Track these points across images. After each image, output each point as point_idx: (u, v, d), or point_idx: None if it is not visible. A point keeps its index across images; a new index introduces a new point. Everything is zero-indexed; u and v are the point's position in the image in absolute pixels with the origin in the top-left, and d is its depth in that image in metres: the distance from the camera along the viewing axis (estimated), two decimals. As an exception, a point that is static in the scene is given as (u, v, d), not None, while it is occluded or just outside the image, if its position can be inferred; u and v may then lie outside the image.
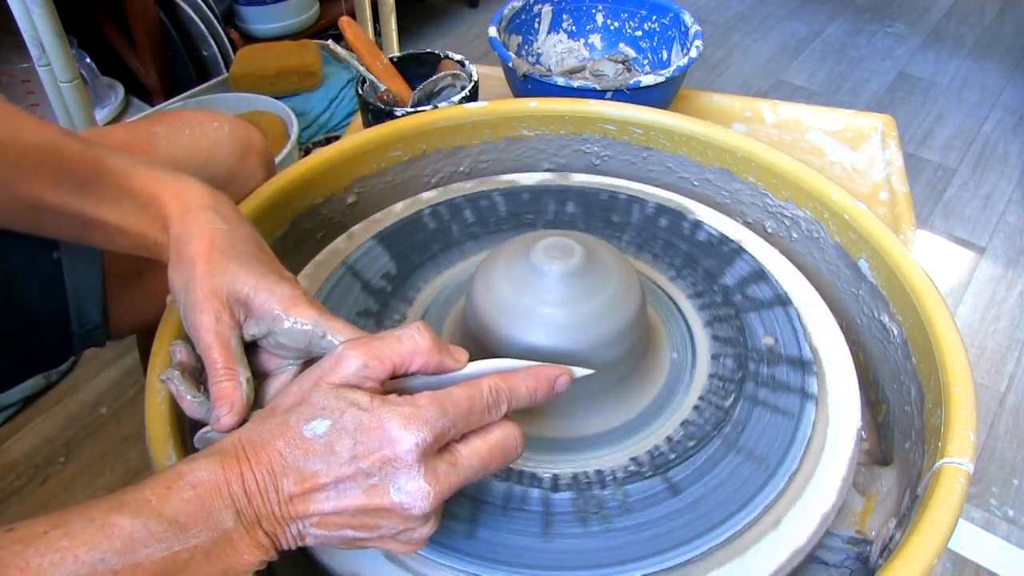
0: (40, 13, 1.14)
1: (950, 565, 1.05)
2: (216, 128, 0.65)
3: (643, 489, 0.48)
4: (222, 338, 0.42)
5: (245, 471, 0.35)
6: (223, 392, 0.41)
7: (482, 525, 0.46)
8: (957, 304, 1.45)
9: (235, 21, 1.74)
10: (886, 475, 0.55)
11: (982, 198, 1.71)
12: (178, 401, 0.43)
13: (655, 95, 0.86)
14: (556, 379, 0.42)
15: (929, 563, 0.40)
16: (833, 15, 2.40)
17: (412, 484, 0.36)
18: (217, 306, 0.42)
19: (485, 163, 0.78)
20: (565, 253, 0.49)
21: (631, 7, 1.01)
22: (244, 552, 0.35)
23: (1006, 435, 1.22)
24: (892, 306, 0.59)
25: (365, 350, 0.38)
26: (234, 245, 0.44)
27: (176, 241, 0.45)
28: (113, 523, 0.32)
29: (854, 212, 0.62)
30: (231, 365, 0.41)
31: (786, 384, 0.54)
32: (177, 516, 0.33)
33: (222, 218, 0.46)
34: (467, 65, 0.90)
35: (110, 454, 1.13)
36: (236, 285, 0.42)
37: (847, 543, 0.51)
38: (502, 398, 0.39)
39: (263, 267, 0.44)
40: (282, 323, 0.42)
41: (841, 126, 0.97)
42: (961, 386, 0.49)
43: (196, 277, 0.42)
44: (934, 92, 2.05)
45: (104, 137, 0.62)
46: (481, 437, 0.39)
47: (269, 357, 0.45)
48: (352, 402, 0.37)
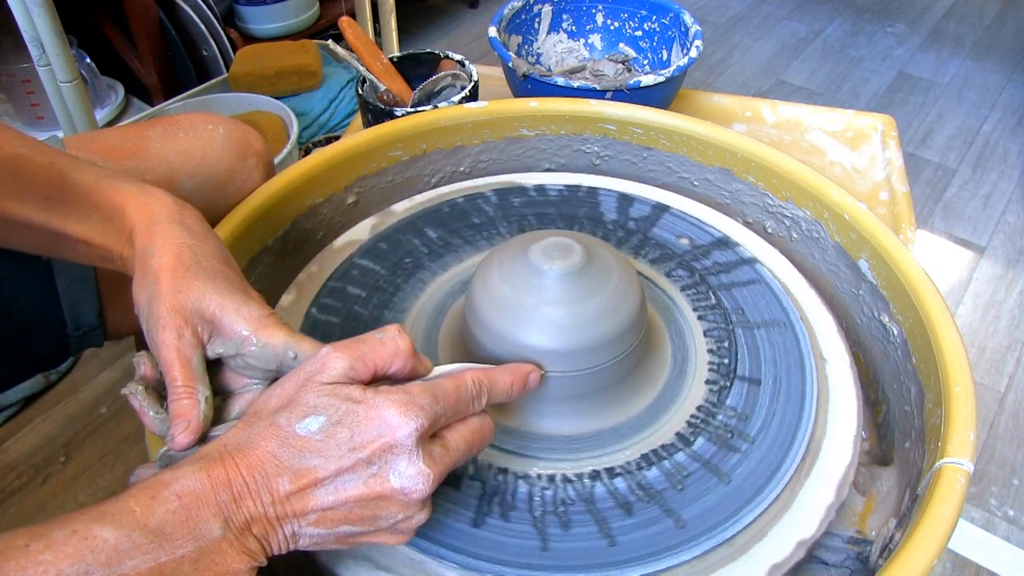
0: (40, 13, 1.14)
1: (950, 565, 1.05)
2: (211, 130, 0.65)
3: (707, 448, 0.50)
4: (183, 356, 0.41)
5: (233, 476, 0.35)
6: (180, 410, 0.40)
7: (484, 526, 0.46)
8: (957, 304, 1.45)
9: (235, 21, 1.74)
10: (886, 475, 0.55)
11: (982, 198, 1.71)
12: (140, 417, 0.42)
13: (655, 95, 0.86)
14: (528, 375, 0.46)
15: (929, 563, 0.40)
16: (833, 15, 2.40)
17: (412, 468, 0.36)
18: (180, 323, 0.41)
19: (485, 163, 0.78)
20: (564, 253, 0.49)
21: (631, 7, 1.01)
22: (233, 560, 0.34)
23: (1006, 435, 1.22)
24: (892, 306, 0.59)
25: (349, 352, 0.39)
26: (200, 260, 0.43)
27: (141, 255, 0.44)
28: (96, 535, 0.31)
29: (854, 212, 0.62)
30: (190, 383, 0.40)
31: (770, 314, 0.58)
32: (162, 527, 0.33)
33: (188, 232, 0.45)
34: (467, 65, 0.90)
35: (110, 454, 1.13)
36: (202, 303, 0.41)
37: (847, 543, 0.51)
38: (483, 391, 0.42)
39: (229, 284, 0.43)
40: (251, 345, 0.41)
41: (841, 126, 0.97)
42: (961, 386, 0.49)
43: (160, 293, 0.41)
44: (934, 92, 2.05)
45: (97, 141, 0.62)
46: (463, 423, 0.41)
47: (234, 375, 0.44)
48: (346, 397, 0.37)
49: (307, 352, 0.41)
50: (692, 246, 0.65)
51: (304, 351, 0.42)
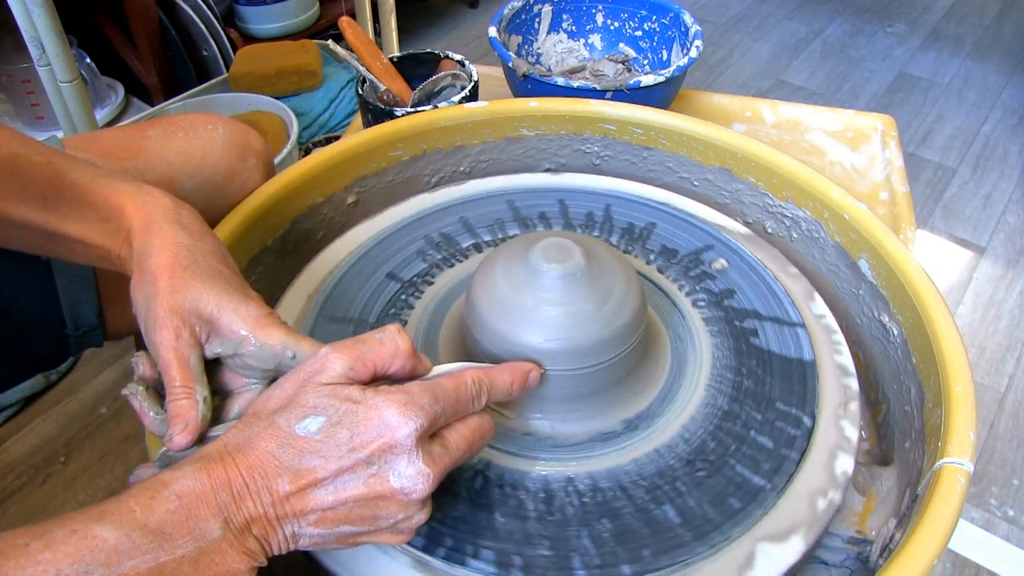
0: (40, 13, 1.14)
1: (950, 565, 1.05)
2: (210, 130, 0.65)
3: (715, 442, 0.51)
4: (181, 356, 0.41)
5: (233, 476, 0.35)
6: (179, 411, 0.40)
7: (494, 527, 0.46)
8: (957, 304, 1.45)
9: (235, 21, 1.74)
10: (886, 475, 0.55)
11: (982, 198, 1.71)
12: (140, 417, 0.42)
13: (655, 95, 0.86)
14: (528, 373, 0.46)
15: (929, 563, 0.40)
16: (833, 15, 2.40)
17: (412, 468, 0.37)
18: (177, 323, 0.41)
19: (485, 163, 0.78)
20: (564, 254, 0.49)
21: (631, 7, 1.01)
22: (232, 560, 0.34)
23: (1006, 435, 1.22)
24: (892, 306, 0.59)
25: (349, 353, 0.39)
26: (197, 260, 0.43)
27: (138, 255, 0.44)
28: (96, 534, 0.31)
29: (854, 212, 0.62)
30: (188, 384, 0.40)
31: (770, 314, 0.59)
32: (162, 526, 0.33)
33: (186, 231, 0.44)
34: (467, 65, 0.90)
35: (110, 454, 1.13)
36: (200, 303, 0.41)
37: (847, 543, 0.51)
38: (483, 390, 0.42)
39: (227, 284, 0.43)
40: (249, 345, 0.41)
41: (841, 126, 0.97)
42: (961, 386, 0.49)
43: (157, 293, 0.41)
44: (934, 92, 2.05)
45: (97, 141, 0.62)
46: (463, 423, 0.41)
47: (233, 375, 0.44)
48: (346, 397, 0.37)
49: (306, 352, 0.41)
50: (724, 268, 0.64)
51: (303, 351, 0.41)
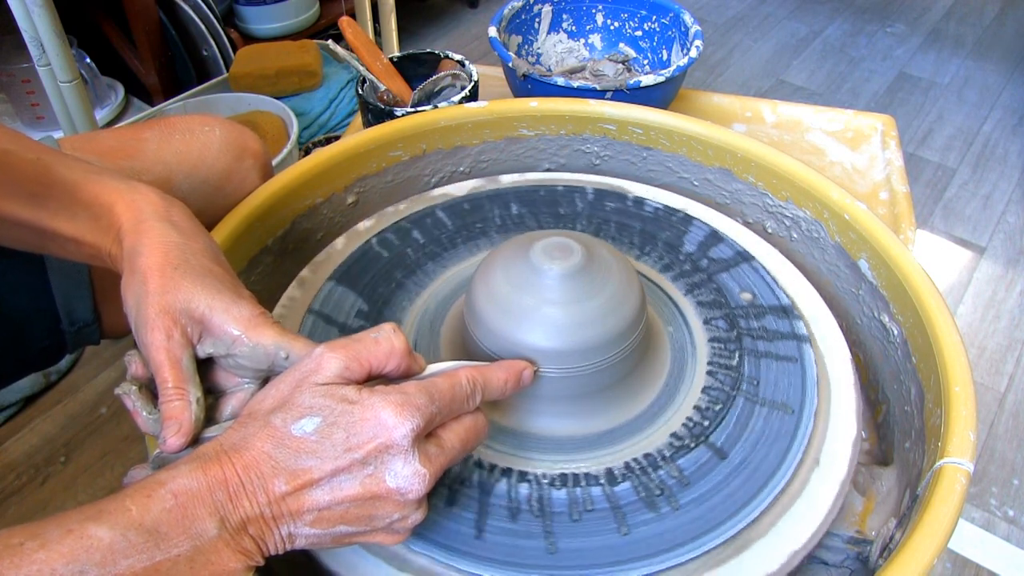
0: (40, 13, 1.14)
1: (950, 565, 1.05)
2: (207, 132, 0.65)
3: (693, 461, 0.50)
4: (173, 357, 0.40)
5: (229, 476, 0.35)
6: (171, 412, 0.40)
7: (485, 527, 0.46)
8: (957, 304, 1.45)
9: (235, 21, 1.74)
10: (886, 475, 0.55)
11: (982, 198, 1.71)
12: (133, 417, 0.42)
13: (655, 95, 0.86)
14: (522, 371, 0.46)
15: (929, 563, 0.40)
16: (833, 15, 2.40)
17: (408, 468, 0.37)
18: (168, 324, 0.40)
19: (485, 163, 0.78)
20: (565, 253, 0.49)
21: (631, 7, 1.01)
22: (229, 560, 0.34)
23: (1006, 435, 1.22)
24: (892, 306, 0.59)
25: (344, 352, 0.39)
26: (188, 260, 0.42)
27: (129, 254, 0.43)
28: (92, 534, 0.31)
29: (854, 212, 0.62)
30: (181, 384, 0.40)
31: (778, 332, 0.58)
32: (158, 526, 0.32)
33: (176, 230, 0.44)
34: (467, 65, 0.90)
35: (110, 454, 1.13)
36: (191, 303, 0.41)
37: (847, 543, 0.51)
38: (477, 389, 0.42)
39: (219, 283, 0.42)
40: (242, 345, 0.41)
41: (841, 126, 0.97)
42: (961, 386, 0.49)
43: (148, 293, 0.41)
44: (934, 92, 2.05)
45: (94, 142, 0.61)
46: (457, 422, 0.41)
47: (226, 375, 0.44)
48: (341, 397, 0.37)
49: (299, 352, 0.41)
50: (646, 223, 0.65)
51: (296, 351, 0.41)
